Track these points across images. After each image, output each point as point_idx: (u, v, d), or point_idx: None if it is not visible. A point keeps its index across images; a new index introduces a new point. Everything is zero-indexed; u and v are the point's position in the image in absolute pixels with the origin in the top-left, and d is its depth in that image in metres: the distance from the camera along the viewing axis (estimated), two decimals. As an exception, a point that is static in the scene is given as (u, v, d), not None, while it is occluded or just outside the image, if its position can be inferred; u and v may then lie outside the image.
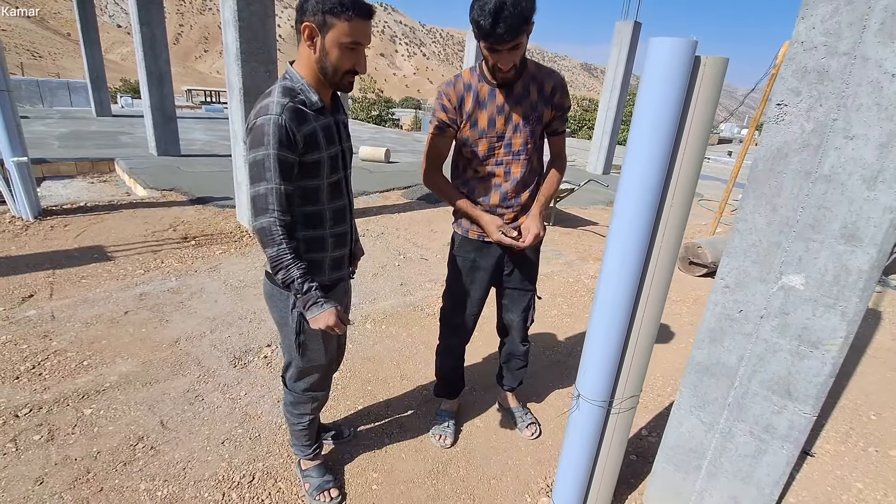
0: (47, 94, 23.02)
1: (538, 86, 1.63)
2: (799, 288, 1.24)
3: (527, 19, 1.38)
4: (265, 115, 1.18)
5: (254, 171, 1.21)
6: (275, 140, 1.17)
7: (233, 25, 3.92)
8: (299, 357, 1.50)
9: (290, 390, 1.63)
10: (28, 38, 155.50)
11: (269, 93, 1.24)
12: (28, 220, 4.37)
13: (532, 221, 1.75)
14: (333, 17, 1.16)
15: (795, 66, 1.18)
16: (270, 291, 1.46)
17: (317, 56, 1.23)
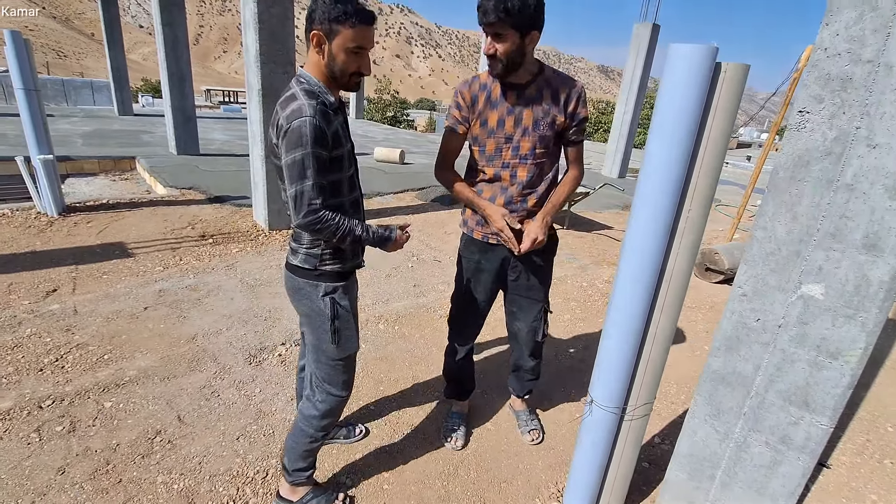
0: (71, 93, 23.62)
1: (552, 91, 1.62)
2: (818, 298, 1.23)
3: (508, 11, 1.43)
4: (300, 118, 1.24)
5: (294, 171, 1.27)
6: (311, 140, 1.25)
7: (253, 27, 3.99)
8: (335, 347, 1.51)
9: (326, 395, 1.58)
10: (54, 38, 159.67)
11: (293, 96, 1.29)
12: (53, 216, 4.49)
13: (534, 225, 1.70)
14: (339, 24, 1.26)
15: (818, 73, 1.16)
16: (296, 285, 1.49)
17: (325, 61, 1.32)
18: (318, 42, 1.29)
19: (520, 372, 2.15)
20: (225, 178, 6.49)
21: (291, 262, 1.49)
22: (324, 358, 1.54)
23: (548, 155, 1.70)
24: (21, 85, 4.06)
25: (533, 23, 1.49)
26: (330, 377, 1.57)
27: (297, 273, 1.47)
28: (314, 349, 1.55)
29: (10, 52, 3.99)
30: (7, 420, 2.04)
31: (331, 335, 1.49)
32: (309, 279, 1.46)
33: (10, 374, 2.32)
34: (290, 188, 1.29)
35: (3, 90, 22.87)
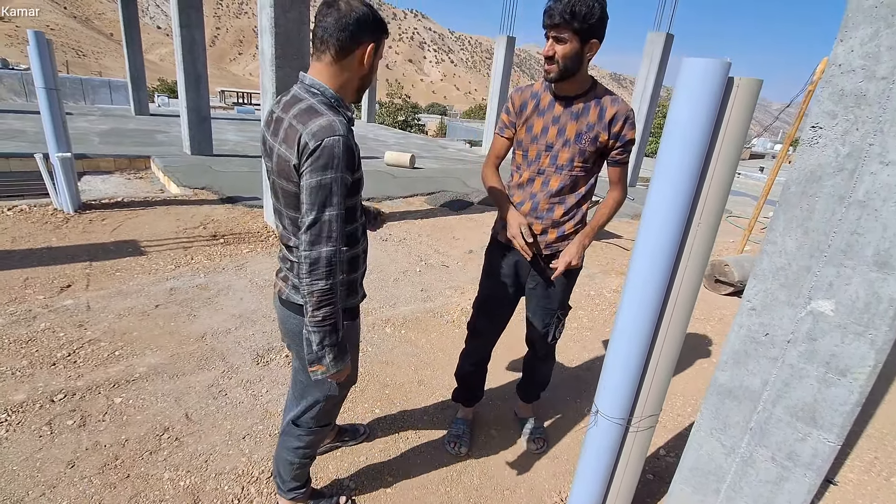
0: (89, 92, 24.05)
1: (599, 108, 1.63)
2: (828, 314, 1.22)
3: (574, 15, 1.45)
4: (333, 136, 1.10)
5: (320, 196, 1.11)
6: (343, 162, 1.12)
7: (269, 31, 4.05)
8: (336, 386, 1.41)
9: (317, 430, 1.51)
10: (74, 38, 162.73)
11: (313, 110, 1.16)
12: (69, 213, 4.57)
13: (571, 247, 1.72)
14: (382, 34, 1.24)
15: (832, 89, 1.16)
16: (297, 327, 1.31)
17: (366, 72, 1.25)
18: (370, 54, 1.22)
19: (530, 375, 2.17)
20: (237, 178, 6.56)
21: (296, 303, 1.29)
22: (322, 398, 1.44)
23: (585, 170, 1.70)
24: (42, 84, 4.15)
25: (594, 31, 1.51)
26: (320, 416, 1.48)
27: (298, 312, 1.30)
28: (312, 389, 1.42)
29: (32, 52, 4.09)
30: (20, 413, 2.08)
31: None
32: None
33: (24, 368, 2.36)
34: (312, 214, 1.12)
35: (24, 87, 23.36)
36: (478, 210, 6.41)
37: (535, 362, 2.12)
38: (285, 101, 1.23)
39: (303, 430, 1.50)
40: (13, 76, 23.86)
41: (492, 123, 12.98)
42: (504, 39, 12.14)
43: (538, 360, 2.10)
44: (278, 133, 1.19)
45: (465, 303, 3.54)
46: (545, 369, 2.13)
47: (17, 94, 23.09)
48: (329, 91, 1.21)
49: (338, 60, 1.20)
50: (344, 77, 1.23)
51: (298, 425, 1.50)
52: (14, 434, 1.97)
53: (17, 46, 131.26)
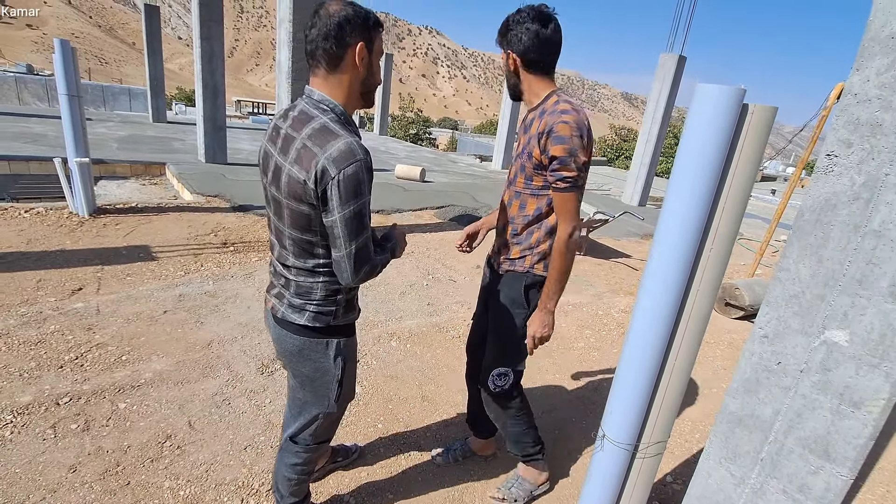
0: (109, 99, 24.62)
1: (541, 121, 1.49)
2: (843, 344, 1.20)
3: (499, 31, 1.52)
4: (354, 162, 1.08)
5: (355, 225, 1.12)
6: (368, 185, 1.13)
7: (287, 45, 4.13)
8: (335, 404, 1.40)
9: (315, 447, 1.50)
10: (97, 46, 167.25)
11: (328, 129, 1.12)
12: (84, 216, 4.64)
13: (534, 317, 1.59)
14: (374, 31, 1.17)
15: (847, 118, 1.16)
16: (302, 346, 1.31)
17: (364, 74, 1.20)
18: (362, 54, 1.15)
19: (479, 404, 2.00)
20: (249, 187, 6.64)
21: (295, 322, 1.28)
22: (321, 415, 1.42)
23: (529, 189, 1.57)
24: (65, 91, 4.26)
25: (509, 43, 1.51)
26: (318, 432, 1.47)
27: (303, 333, 1.29)
28: (310, 406, 1.42)
29: (57, 60, 4.20)
30: (25, 415, 2.09)
31: (335, 394, 1.38)
32: (318, 338, 1.30)
33: (31, 370, 2.38)
34: (349, 245, 1.13)
35: (47, 93, 23.98)
36: (486, 225, 6.41)
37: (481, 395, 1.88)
38: (294, 118, 1.18)
39: (300, 446, 1.48)
40: (37, 82, 24.52)
41: (503, 139, 13.06)
42: (517, 57, 12.26)
43: (483, 396, 1.85)
44: (288, 152, 1.14)
45: (470, 318, 3.52)
46: (491, 412, 1.85)
47: (40, 98, 23.70)
48: (338, 106, 1.18)
49: (331, 71, 1.16)
50: (344, 87, 1.18)
51: (296, 442, 1.48)
52: (18, 436, 1.98)
53: (43, 53, 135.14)
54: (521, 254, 1.64)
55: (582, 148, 1.44)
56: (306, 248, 1.22)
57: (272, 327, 1.37)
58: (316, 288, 1.26)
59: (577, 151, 1.43)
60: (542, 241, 1.61)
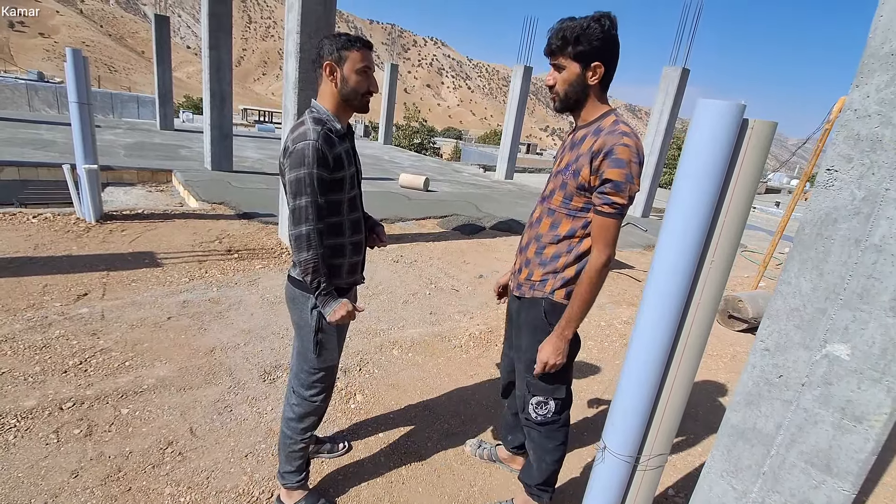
0: (118, 106, 24.91)
1: (593, 140, 1.42)
2: (844, 358, 1.20)
3: (566, 40, 1.39)
4: (304, 141, 1.40)
5: (295, 188, 1.41)
6: (313, 161, 1.39)
7: (294, 56, 4.19)
8: (315, 357, 1.62)
9: (301, 399, 1.69)
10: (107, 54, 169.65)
11: (303, 122, 1.46)
12: (90, 222, 4.69)
13: (546, 343, 1.52)
14: (346, 50, 1.45)
15: (847, 133, 1.17)
16: (293, 295, 1.62)
17: (339, 87, 1.48)
18: (331, 70, 1.46)
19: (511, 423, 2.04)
20: (254, 195, 6.69)
21: (291, 274, 1.62)
22: (306, 366, 1.65)
23: (566, 208, 1.50)
24: (76, 99, 4.33)
25: (596, 53, 1.40)
26: (308, 384, 1.67)
27: (295, 284, 1.60)
28: (299, 356, 1.67)
29: (69, 68, 4.28)
30: (29, 419, 2.10)
31: (313, 345, 1.60)
32: (303, 290, 1.57)
33: (36, 374, 2.40)
34: (291, 202, 1.43)
35: (57, 100, 24.30)
36: (489, 235, 6.43)
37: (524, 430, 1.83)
38: None
39: (296, 397, 1.69)
40: (48, 89, 24.88)
41: (506, 149, 13.13)
42: (521, 69, 12.38)
43: (526, 430, 1.79)
44: None
45: (473, 328, 3.53)
46: (530, 441, 1.78)
47: (50, 105, 24.01)
48: (322, 109, 1.51)
49: (320, 84, 1.51)
50: (326, 96, 1.51)
51: (294, 389, 1.70)
52: (22, 440, 1.99)
53: (54, 61, 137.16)
54: (542, 277, 1.56)
55: (637, 176, 1.38)
56: None
57: (285, 283, 1.67)
58: None
59: (632, 178, 1.37)
60: (569, 266, 1.52)
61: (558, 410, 1.67)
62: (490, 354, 3.21)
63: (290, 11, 4.21)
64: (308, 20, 4.10)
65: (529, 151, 48.39)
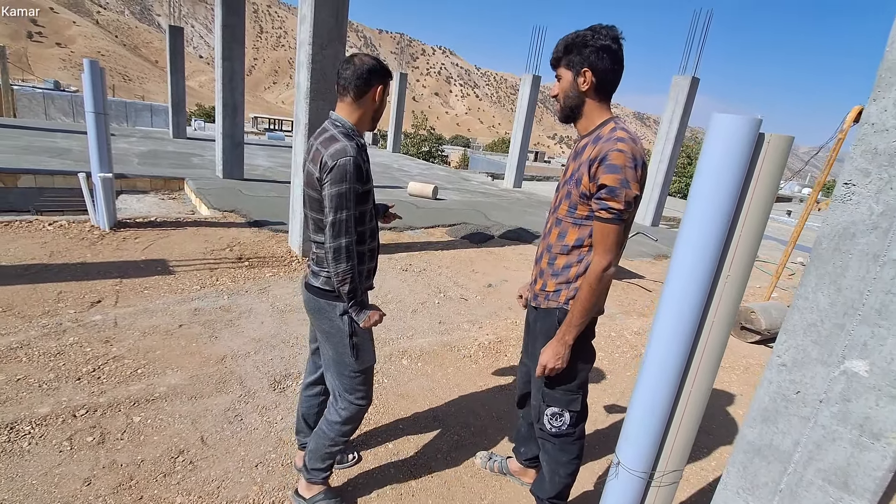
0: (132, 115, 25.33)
1: (592, 148, 1.44)
2: (863, 375, 1.18)
3: (561, 51, 1.46)
4: (345, 157, 1.46)
5: (336, 202, 1.48)
6: (353, 176, 1.47)
7: (306, 67, 4.24)
8: (354, 360, 1.66)
9: (348, 403, 1.71)
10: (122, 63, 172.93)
11: (333, 137, 1.52)
12: (104, 230, 4.76)
13: (548, 347, 1.54)
14: (389, 78, 1.62)
15: (865, 147, 1.16)
16: (318, 305, 1.65)
17: (376, 107, 1.61)
18: (380, 92, 1.59)
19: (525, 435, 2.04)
20: (265, 203, 6.75)
21: (312, 284, 1.65)
22: (346, 371, 1.68)
23: (570, 217, 1.53)
24: (92, 109, 4.41)
25: (585, 60, 1.42)
26: (351, 388, 1.71)
27: (318, 294, 1.64)
28: (336, 363, 1.69)
29: (86, 79, 4.37)
30: (43, 426, 2.12)
31: (350, 350, 1.64)
32: (329, 300, 1.62)
33: (50, 381, 2.42)
34: (332, 216, 1.48)
35: (73, 108, 24.77)
36: (498, 244, 6.42)
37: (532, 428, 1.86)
38: (318, 132, 1.60)
39: (342, 402, 1.71)
40: (64, 97, 25.38)
41: (514, 157, 13.15)
42: (529, 78, 12.42)
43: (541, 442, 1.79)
44: (310, 154, 1.56)
45: (482, 337, 3.52)
46: (545, 454, 1.77)
47: (66, 114, 24.49)
48: (348, 124, 1.58)
49: (355, 101, 1.57)
50: (360, 112, 1.59)
51: (340, 396, 1.72)
52: (36, 447, 2.01)
53: (70, 70, 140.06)
54: (556, 287, 1.58)
55: (634, 181, 1.37)
56: (320, 225, 1.59)
57: (303, 291, 1.72)
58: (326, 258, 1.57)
59: (628, 183, 1.36)
60: (580, 276, 1.53)
61: (573, 423, 1.66)
62: (499, 365, 3.20)
63: (303, 23, 4.27)
64: (320, 32, 4.15)
65: (538, 159, 48.45)
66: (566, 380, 1.62)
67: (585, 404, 1.70)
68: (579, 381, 1.63)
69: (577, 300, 1.49)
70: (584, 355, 1.63)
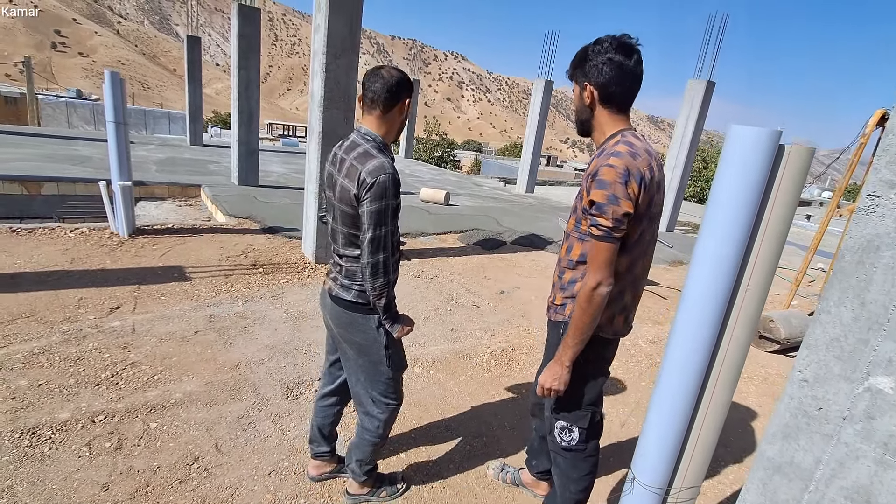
0: (150, 122, 25.87)
1: (595, 162, 1.42)
2: (888, 392, 1.14)
3: (573, 64, 1.47)
4: (385, 174, 1.47)
5: (377, 218, 1.49)
6: (392, 193, 1.50)
7: (320, 76, 4.29)
8: (389, 369, 1.70)
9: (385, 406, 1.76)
10: (141, 72, 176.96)
11: (369, 153, 1.52)
12: (123, 237, 4.85)
13: (547, 369, 1.52)
14: (412, 90, 1.63)
15: (890, 157, 1.13)
16: (351, 319, 1.66)
17: (402, 119, 1.63)
18: (407, 106, 1.62)
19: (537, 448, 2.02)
20: (279, 209, 6.83)
21: (344, 298, 1.65)
22: (381, 378, 1.72)
23: (576, 231, 1.53)
24: (112, 118, 4.52)
25: (584, 73, 1.42)
26: (387, 391, 1.75)
27: (351, 308, 1.64)
28: (370, 373, 1.72)
29: (107, 90, 4.47)
30: (63, 431, 2.16)
31: (386, 360, 1.68)
32: (363, 313, 1.63)
33: (70, 386, 2.47)
34: (371, 232, 1.49)
35: (94, 117, 25.38)
36: (510, 250, 6.40)
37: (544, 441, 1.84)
38: (346, 146, 1.59)
39: (381, 406, 1.75)
40: (86, 106, 26.03)
41: (527, 162, 13.12)
42: (542, 83, 12.40)
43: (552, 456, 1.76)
44: (342, 170, 1.55)
45: (494, 345, 3.50)
46: (556, 468, 1.76)
47: (87, 122, 25.11)
48: (378, 138, 1.59)
49: (384, 114, 1.58)
50: (388, 125, 1.61)
51: (377, 401, 1.75)
52: (56, 452, 2.04)
53: (91, 79, 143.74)
54: (563, 301, 1.58)
55: (625, 197, 1.31)
56: (352, 240, 1.60)
57: (328, 305, 1.72)
58: (359, 271, 1.60)
59: (616, 200, 1.31)
60: None
61: (584, 439, 1.64)
62: (511, 373, 3.18)
63: (317, 33, 4.33)
64: (334, 42, 4.20)
65: (550, 164, 48.27)
66: (574, 396, 1.60)
67: (598, 421, 1.67)
68: (589, 398, 1.61)
69: (572, 320, 1.45)
70: (595, 371, 1.60)
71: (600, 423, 1.69)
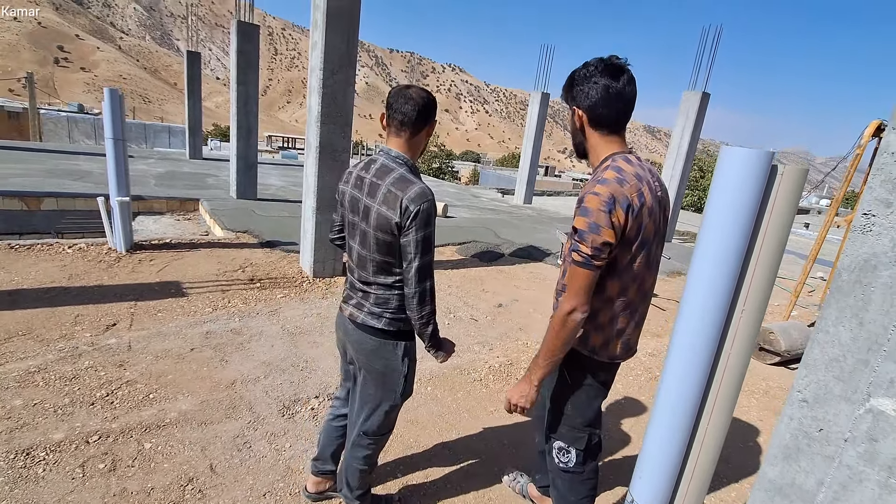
0: (150, 136, 26.01)
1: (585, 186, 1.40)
2: (890, 413, 1.13)
3: (564, 88, 1.45)
4: (428, 201, 1.45)
5: (423, 246, 1.47)
6: (434, 218, 1.49)
7: (317, 92, 4.32)
8: (399, 395, 1.70)
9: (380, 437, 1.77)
10: (142, 86, 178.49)
11: (406, 178, 1.48)
12: (121, 252, 4.84)
13: (517, 383, 1.53)
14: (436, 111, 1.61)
15: (885, 177, 1.13)
16: (376, 346, 1.63)
17: (426, 141, 1.62)
18: (433, 127, 1.61)
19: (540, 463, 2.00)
20: (277, 223, 6.83)
21: (374, 326, 1.60)
22: (386, 406, 1.70)
23: (570, 255, 1.46)
24: (111, 135, 4.54)
25: (572, 98, 1.42)
26: (382, 425, 1.74)
27: (380, 335, 1.61)
28: (377, 400, 1.69)
29: (106, 107, 4.50)
30: (57, 452, 2.13)
31: (401, 387, 1.68)
32: (389, 339, 1.62)
33: (65, 406, 2.44)
34: (418, 261, 1.47)
35: (95, 131, 25.52)
36: (508, 262, 6.39)
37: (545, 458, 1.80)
38: (376, 169, 1.53)
39: (371, 437, 1.74)
40: (87, 121, 26.19)
41: (525, 173, 13.18)
42: (539, 95, 12.51)
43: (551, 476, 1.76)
44: (376, 195, 1.49)
45: (493, 360, 3.47)
46: (554, 489, 1.74)
47: (88, 136, 25.25)
48: (410, 161, 1.56)
49: (413, 136, 1.54)
50: (415, 147, 1.58)
51: (367, 433, 1.73)
52: (50, 474, 2.01)
53: (94, 93, 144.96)
54: None
55: (607, 226, 1.27)
56: (386, 268, 1.55)
57: (350, 332, 1.67)
58: (391, 299, 1.58)
59: (598, 228, 1.28)
60: None
61: (581, 461, 1.62)
62: (509, 388, 3.14)
63: (314, 49, 4.37)
64: (331, 58, 4.24)
65: (548, 174, 48.46)
66: (571, 417, 1.58)
67: (596, 443, 1.65)
68: (585, 420, 1.59)
69: (543, 341, 1.44)
70: (591, 392, 1.58)
71: (598, 444, 1.66)
